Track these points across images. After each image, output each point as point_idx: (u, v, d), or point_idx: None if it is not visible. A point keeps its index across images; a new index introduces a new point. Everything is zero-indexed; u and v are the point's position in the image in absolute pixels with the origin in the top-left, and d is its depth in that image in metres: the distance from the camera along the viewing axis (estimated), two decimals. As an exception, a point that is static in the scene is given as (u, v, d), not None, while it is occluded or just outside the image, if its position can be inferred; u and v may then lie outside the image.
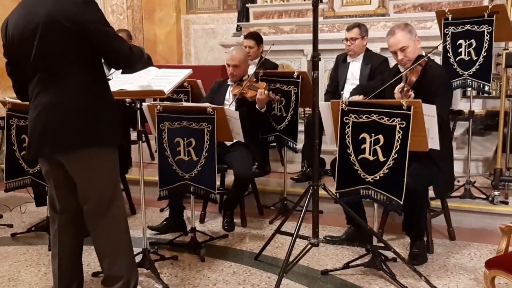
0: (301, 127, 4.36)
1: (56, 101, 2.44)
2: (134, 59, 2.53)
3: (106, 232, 2.66)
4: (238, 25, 7.56)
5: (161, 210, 4.54)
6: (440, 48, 4.12)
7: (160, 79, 3.07)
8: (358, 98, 3.41)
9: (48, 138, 2.47)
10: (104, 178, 2.59)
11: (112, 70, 4.06)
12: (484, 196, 4.15)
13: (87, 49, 2.42)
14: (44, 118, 2.46)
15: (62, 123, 2.44)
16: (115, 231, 2.68)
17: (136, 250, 3.42)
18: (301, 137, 4.45)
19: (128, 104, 4.24)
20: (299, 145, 4.48)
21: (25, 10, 2.46)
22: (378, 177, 3.01)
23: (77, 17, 2.35)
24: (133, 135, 4.51)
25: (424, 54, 3.42)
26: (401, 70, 3.42)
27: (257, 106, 3.97)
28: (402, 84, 3.22)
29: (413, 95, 3.12)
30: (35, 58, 2.43)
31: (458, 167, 4.60)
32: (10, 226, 4.26)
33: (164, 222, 3.98)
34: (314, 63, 2.97)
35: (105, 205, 2.60)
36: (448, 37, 4.11)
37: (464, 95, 5.79)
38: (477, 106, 5.72)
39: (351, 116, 3.05)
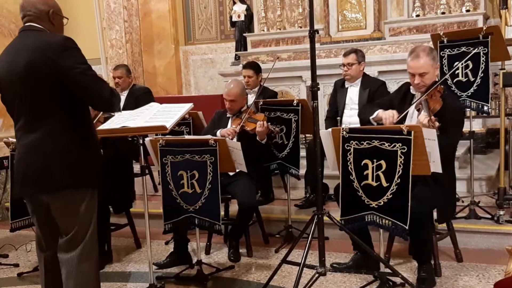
0: (302, 153, 4.38)
1: (37, 144, 2.50)
2: (114, 100, 2.60)
3: (75, 267, 2.59)
4: (236, 54, 7.66)
5: (166, 243, 4.52)
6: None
7: (161, 114, 3.10)
8: (394, 114, 3.25)
9: (30, 180, 2.54)
10: (81, 216, 2.59)
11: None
12: (489, 216, 4.14)
13: (68, 94, 2.46)
14: (26, 160, 2.53)
15: (43, 166, 2.49)
16: (85, 266, 2.61)
17: (142, 285, 3.44)
18: (303, 162, 4.47)
19: (130, 139, 4.28)
20: (302, 171, 4.49)
21: (8, 57, 2.53)
22: (382, 203, 3.02)
23: (57, 63, 2.39)
24: (136, 168, 4.56)
25: (437, 79, 3.38)
26: (412, 91, 3.40)
27: (257, 138, 4.00)
28: (425, 113, 3.10)
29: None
30: (19, 104, 2.50)
31: (461, 187, 4.61)
32: (16, 265, 4.24)
33: (168, 259, 3.92)
34: (313, 93, 3.00)
35: (80, 239, 2.59)
36: (445, 59, 4.15)
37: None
38: (477, 125, 5.74)
39: (352, 143, 3.07)
